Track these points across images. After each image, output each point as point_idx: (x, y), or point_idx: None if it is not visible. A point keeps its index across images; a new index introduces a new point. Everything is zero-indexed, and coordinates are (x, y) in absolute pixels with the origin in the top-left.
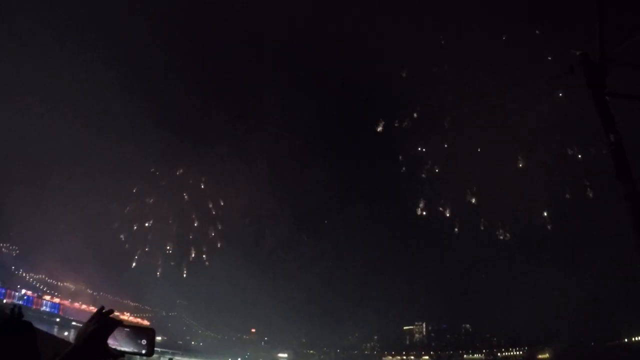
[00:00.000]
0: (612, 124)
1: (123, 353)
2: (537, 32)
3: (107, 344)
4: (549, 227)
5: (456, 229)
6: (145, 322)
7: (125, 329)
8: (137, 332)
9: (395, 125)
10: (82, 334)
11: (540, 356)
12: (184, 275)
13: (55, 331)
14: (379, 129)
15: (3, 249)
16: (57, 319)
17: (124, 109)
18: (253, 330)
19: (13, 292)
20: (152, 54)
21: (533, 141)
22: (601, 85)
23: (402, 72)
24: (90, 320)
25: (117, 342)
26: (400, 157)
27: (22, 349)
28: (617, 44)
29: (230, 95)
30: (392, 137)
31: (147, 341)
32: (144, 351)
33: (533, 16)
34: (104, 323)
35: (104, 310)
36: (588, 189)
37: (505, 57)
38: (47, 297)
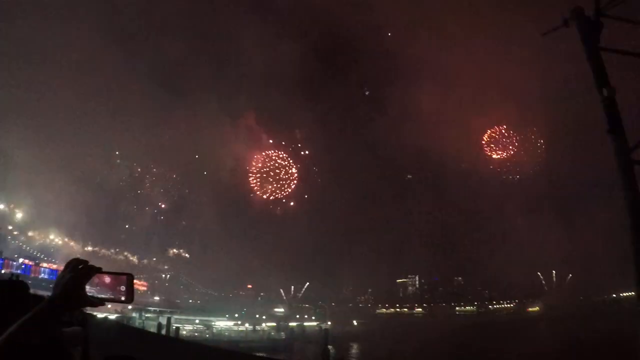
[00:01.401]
0: (605, 79)
1: (102, 300)
2: None
3: (85, 292)
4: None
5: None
6: (140, 282)
7: (103, 276)
8: (115, 278)
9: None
10: (59, 283)
11: (530, 309)
12: (183, 223)
13: None
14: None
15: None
16: None
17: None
18: (249, 286)
19: (11, 262)
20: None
21: (526, 95)
22: (595, 39)
23: (388, 32)
24: (65, 269)
25: (95, 290)
26: (386, 110)
27: (17, 306)
28: (612, 0)
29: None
30: (378, 94)
31: (125, 287)
32: (123, 297)
33: None
34: (80, 271)
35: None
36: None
37: (497, 11)
38: (45, 265)
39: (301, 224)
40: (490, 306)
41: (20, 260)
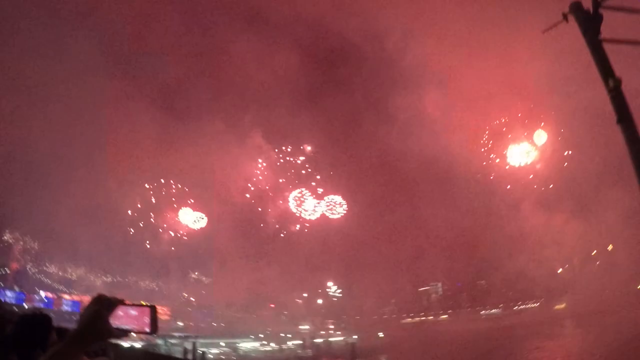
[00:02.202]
0: (610, 70)
1: (126, 331)
2: None
3: (109, 324)
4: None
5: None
6: (163, 308)
7: (127, 308)
8: (138, 310)
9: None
10: (83, 316)
11: (557, 307)
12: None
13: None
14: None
15: (18, 253)
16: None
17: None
18: (272, 305)
19: (33, 296)
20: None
21: (531, 92)
22: (596, 32)
23: (388, 39)
24: (90, 302)
25: (119, 322)
26: (393, 117)
27: (41, 339)
28: None
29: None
30: (382, 101)
31: (149, 318)
32: (147, 329)
33: None
34: (104, 303)
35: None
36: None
37: (496, 11)
38: (67, 296)
39: (318, 238)
40: (515, 307)
41: (42, 293)
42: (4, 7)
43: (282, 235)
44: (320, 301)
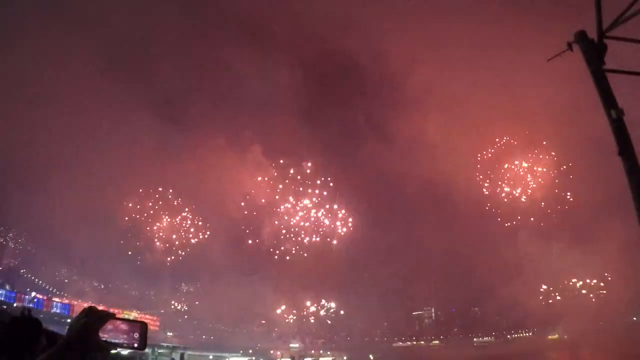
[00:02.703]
0: (613, 101)
1: (115, 345)
2: (533, 11)
3: (98, 337)
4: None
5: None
6: (152, 318)
7: (117, 322)
8: (129, 325)
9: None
10: (73, 327)
11: (550, 337)
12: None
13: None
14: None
15: (10, 252)
16: (69, 320)
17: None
18: (263, 322)
19: (23, 296)
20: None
21: (534, 118)
22: (600, 62)
23: (391, 59)
24: (81, 313)
25: (109, 335)
26: (392, 139)
27: (30, 344)
28: (614, 21)
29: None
30: (381, 115)
31: (139, 334)
32: (136, 344)
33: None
34: (95, 316)
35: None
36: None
37: (500, 38)
38: (57, 299)
39: (312, 257)
40: (508, 336)
41: (33, 294)
42: (11, 13)
43: (276, 252)
44: (311, 320)
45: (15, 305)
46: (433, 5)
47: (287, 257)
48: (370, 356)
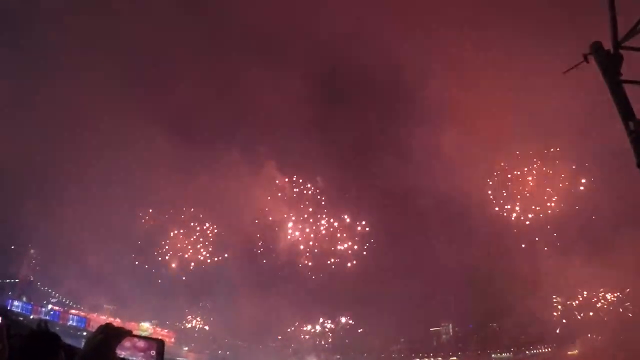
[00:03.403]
0: (631, 112)
1: None
2: (548, 22)
3: (115, 354)
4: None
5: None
6: (168, 333)
7: (134, 339)
8: (146, 342)
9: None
10: (90, 343)
11: (569, 352)
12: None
13: (82, 345)
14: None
15: (27, 264)
16: (84, 333)
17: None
18: (279, 337)
19: (39, 308)
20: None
21: (550, 133)
22: (616, 73)
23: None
24: (98, 330)
25: (125, 352)
26: (407, 152)
27: (48, 357)
28: (630, 31)
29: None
30: (395, 129)
31: (156, 352)
32: None
33: (544, 7)
34: (112, 333)
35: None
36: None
37: (516, 50)
38: (74, 311)
39: (328, 272)
40: (527, 351)
41: (49, 306)
42: (30, 27)
43: (291, 267)
44: (328, 336)
45: (31, 317)
46: (447, 18)
47: (301, 272)
48: None
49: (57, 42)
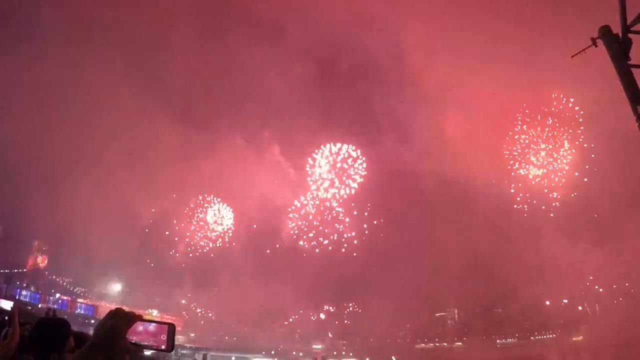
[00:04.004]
0: (638, 96)
1: (142, 347)
2: (555, 5)
3: (125, 339)
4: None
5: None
6: (175, 319)
7: (145, 324)
8: (156, 327)
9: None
10: (100, 329)
11: (574, 338)
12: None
13: (91, 332)
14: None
15: (35, 254)
16: (92, 321)
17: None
18: (285, 323)
19: (47, 297)
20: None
21: (556, 117)
22: (625, 57)
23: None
24: (108, 315)
25: (136, 337)
26: (411, 136)
27: (58, 345)
28: (639, 15)
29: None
30: (399, 112)
31: (166, 336)
32: (163, 346)
33: None
34: (122, 318)
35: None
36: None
37: (521, 33)
38: (81, 300)
39: (335, 258)
40: (532, 337)
41: (57, 295)
42: (33, 18)
43: (296, 252)
44: (334, 321)
45: (40, 306)
46: (452, 0)
47: (305, 258)
48: (393, 358)
49: (54, 30)
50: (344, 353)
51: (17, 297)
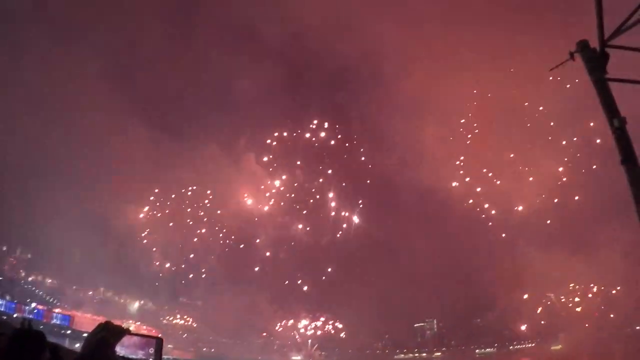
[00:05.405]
0: (615, 110)
1: None
2: (535, 22)
3: (114, 352)
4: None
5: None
6: (154, 331)
7: (134, 337)
8: (145, 340)
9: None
10: (90, 341)
11: (553, 347)
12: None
13: (66, 343)
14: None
15: (12, 262)
16: (69, 332)
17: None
18: (264, 334)
19: (23, 306)
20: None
21: (535, 130)
22: (602, 71)
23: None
24: (97, 328)
25: (125, 350)
26: (388, 146)
27: (33, 356)
28: (616, 30)
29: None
30: (375, 121)
31: (155, 349)
32: (151, 359)
33: (530, 7)
34: (112, 331)
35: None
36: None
37: (502, 46)
38: (58, 310)
39: (314, 268)
40: (510, 347)
41: (33, 304)
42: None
43: (273, 262)
44: (312, 333)
45: (15, 315)
46: (430, 9)
47: (283, 268)
48: None
49: (25, 32)
50: None
51: None
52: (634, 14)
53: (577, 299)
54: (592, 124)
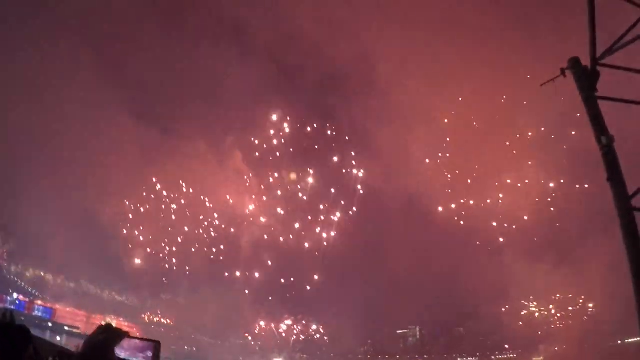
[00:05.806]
0: (604, 127)
1: None
2: (528, 37)
3: (113, 354)
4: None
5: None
6: (132, 326)
7: (133, 340)
8: (143, 343)
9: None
10: (90, 342)
11: (535, 359)
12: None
13: (47, 336)
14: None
15: None
16: (50, 324)
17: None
18: (246, 334)
19: (5, 297)
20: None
21: (524, 145)
22: (592, 89)
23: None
24: (98, 329)
25: (123, 353)
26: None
27: (18, 354)
28: (608, 49)
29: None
30: (364, 126)
31: (152, 353)
32: None
33: (524, 21)
34: (112, 333)
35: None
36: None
37: (492, 55)
38: (40, 302)
39: (299, 271)
40: (492, 357)
41: (15, 295)
42: None
43: (256, 263)
44: (295, 335)
45: None
46: (422, 16)
47: (266, 270)
48: None
49: (8, 25)
50: None
51: None
52: (626, 34)
53: (558, 314)
54: (578, 137)
